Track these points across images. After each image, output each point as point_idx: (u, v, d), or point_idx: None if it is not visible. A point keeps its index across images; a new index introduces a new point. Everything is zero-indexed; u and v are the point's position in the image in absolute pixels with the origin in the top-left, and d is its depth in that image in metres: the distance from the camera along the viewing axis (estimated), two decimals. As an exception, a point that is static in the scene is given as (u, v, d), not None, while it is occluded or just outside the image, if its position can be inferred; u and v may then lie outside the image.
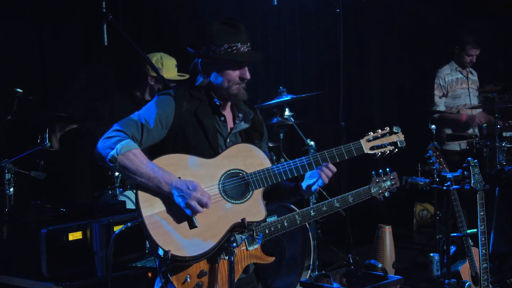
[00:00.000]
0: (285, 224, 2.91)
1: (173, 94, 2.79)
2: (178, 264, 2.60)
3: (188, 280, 2.63)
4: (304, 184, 2.92)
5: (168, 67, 4.91)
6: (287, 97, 5.45)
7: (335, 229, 6.17)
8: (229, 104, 2.93)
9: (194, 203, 2.58)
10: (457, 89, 6.32)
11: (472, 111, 6.26)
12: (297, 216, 2.94)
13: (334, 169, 2.87)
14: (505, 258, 5.11)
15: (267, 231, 2.85)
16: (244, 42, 2.81)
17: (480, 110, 6.34)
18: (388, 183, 3.09)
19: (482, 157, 5.66)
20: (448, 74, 6.31)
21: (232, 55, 2.78)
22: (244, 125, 2.92)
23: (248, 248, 2.78)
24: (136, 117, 2.72)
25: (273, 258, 2.83)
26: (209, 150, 2.77)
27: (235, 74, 2.82)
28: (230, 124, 2.91)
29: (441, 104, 6.26)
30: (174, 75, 4.95)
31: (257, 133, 2.97)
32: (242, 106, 2.95)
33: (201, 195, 2.59)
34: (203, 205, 2.59)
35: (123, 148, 2.59)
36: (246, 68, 2.84)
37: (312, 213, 2.96)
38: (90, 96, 5.60)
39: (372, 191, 3.05)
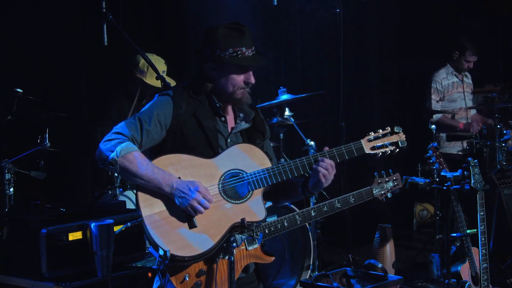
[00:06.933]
0: (285, 224, 2.90)
1: (171, 95, 2.80)
2: (177, 263, 2.60)
3: (187, 279, 2.63)
4: (311, 181, 2.86)
5: (152, 74, 4.69)
6: (286, 96, 5.45)
7: (335, 229, 6.17)
8: (230, 104, 2.93)
9: (195, 204, 2.59)
10: (453, 93, 6.30)
11: (468, 112, 6.25)
12: (297, 216, 2.93)
13: (330, 163, 2.80)
14: (505, 258, 5.11)
15: (267, 231, 2.84)
16: (249, 46, 2.80)
17: (475, 111, 6.33)
18: (391, 184, 3.06)
19: (482, 157, 5.65)
20: (444, 78, 6.28)
21: (237, 59, 2.77)
22: (244, 125, 2.92)
23: (248, 248, 2.77)
24: (135, 119, 2.73)
25: (272, 258, 2.83)
26: (209, 150, 2.77)
27: (239, 78, 2.81)
28: (231, 124, 2.91)
29: (438, 109, 6.23)
30: (158, 84, 4.72)
31: (258, 133, 2.97)
32: (244, 106, 2.94)
33: (203, 196, 2.61)
34: (204, 206, 2.60)
35: (123, 150, 2.60)
36: (251, 73, 2.84)
37: (313, 214, 2.94)
38: (90, 96, 5.60)
39: (374, 192, 3.02)
